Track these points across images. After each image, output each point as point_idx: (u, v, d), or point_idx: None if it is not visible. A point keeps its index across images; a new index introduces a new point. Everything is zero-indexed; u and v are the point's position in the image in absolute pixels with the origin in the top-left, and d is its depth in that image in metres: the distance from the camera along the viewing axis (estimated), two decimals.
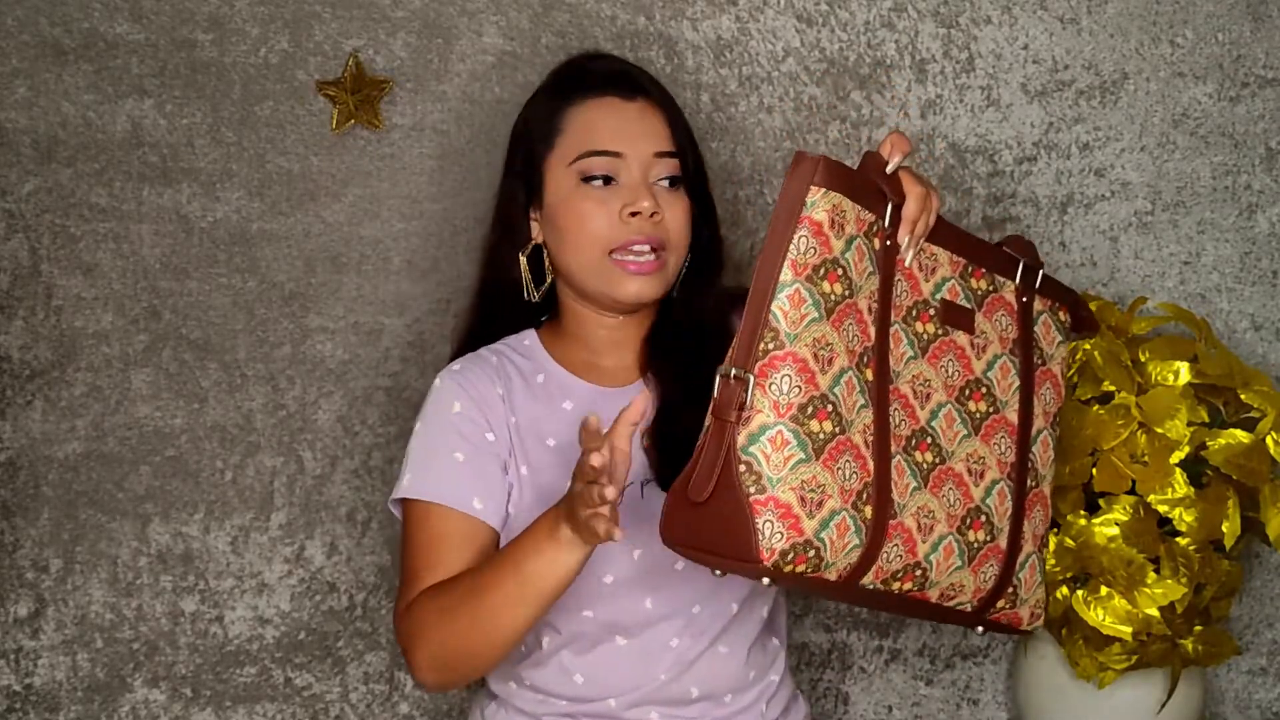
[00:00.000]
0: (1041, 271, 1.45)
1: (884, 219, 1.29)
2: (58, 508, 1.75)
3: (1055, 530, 1.62)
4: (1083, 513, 1.62)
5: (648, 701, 1.46)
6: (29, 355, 1.75)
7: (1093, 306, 1.75)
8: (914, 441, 1.30)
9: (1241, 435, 1.62)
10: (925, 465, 1.30)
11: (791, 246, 1.22)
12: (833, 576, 1.23)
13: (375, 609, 1.81)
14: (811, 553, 1.19)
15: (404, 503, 1.46)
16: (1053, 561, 1.60)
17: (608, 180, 1.46)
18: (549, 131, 1.50)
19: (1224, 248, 1.88)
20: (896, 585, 1.28)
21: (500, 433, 1.46)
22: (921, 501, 1.29)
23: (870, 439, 1.25)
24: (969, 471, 1.34)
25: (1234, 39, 1.86)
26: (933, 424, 1.32)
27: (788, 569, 1.19)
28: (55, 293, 1.75)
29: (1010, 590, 1.38)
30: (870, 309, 1.27)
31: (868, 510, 1.23)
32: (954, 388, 1.34)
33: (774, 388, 1.20)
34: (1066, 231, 1.86)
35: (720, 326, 1.51)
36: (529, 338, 1.54)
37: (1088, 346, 1.68)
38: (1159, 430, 1.62)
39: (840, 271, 1.24)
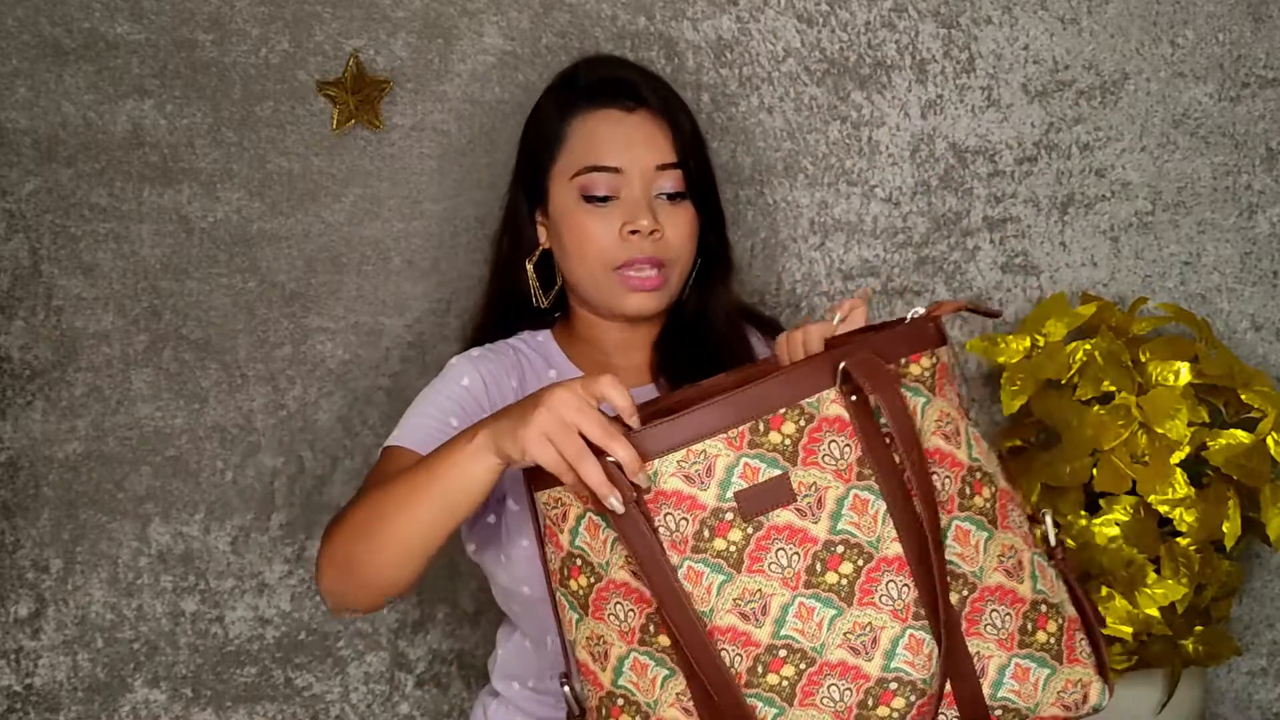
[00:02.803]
0: (869, 334, 1.24)
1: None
2: (58, 508, 1.75)
3: (1056, 530, 1.62)
4: (1083, 513, 1.62)
5: None
6: (29, 355, 1.74)
7: (1093, 307, 1.75)
8: (761, 669, 1.15)
9: (1242, 435, 1.62)
10: (788, 682, 1.15)
11: (545, 560, 1.21)
12: None
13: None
14: None
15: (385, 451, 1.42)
16: None
17: (609, 198, 1.46)
18: (552, 140, 1.50)
19: (1224, 248, 1.88)
20: None
21: None
22: None
23: (690, 704, 1.16)
24: (852, 651, 1.16)
25: (1234, 39, 1.86)
26: (782, 633, 1.15)
27: None
28: (55, 293, 1.75)
29: (1001, 714, 1.20)
30: (635, 574, 1.15)
31: None
32: (797, 575, 1.15)
33: (583, 695, 1.21)
34: (1067, 232, 1.86)
35: (730, 331, 1.51)
36: (543, 335, 1.54)
37: (1088, 346, 1.68)
38: (1159, 430, 1.62)
39: (579, 561, 1.18)
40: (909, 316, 1.22)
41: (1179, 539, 1.61)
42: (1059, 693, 1.20)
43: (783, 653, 1.15)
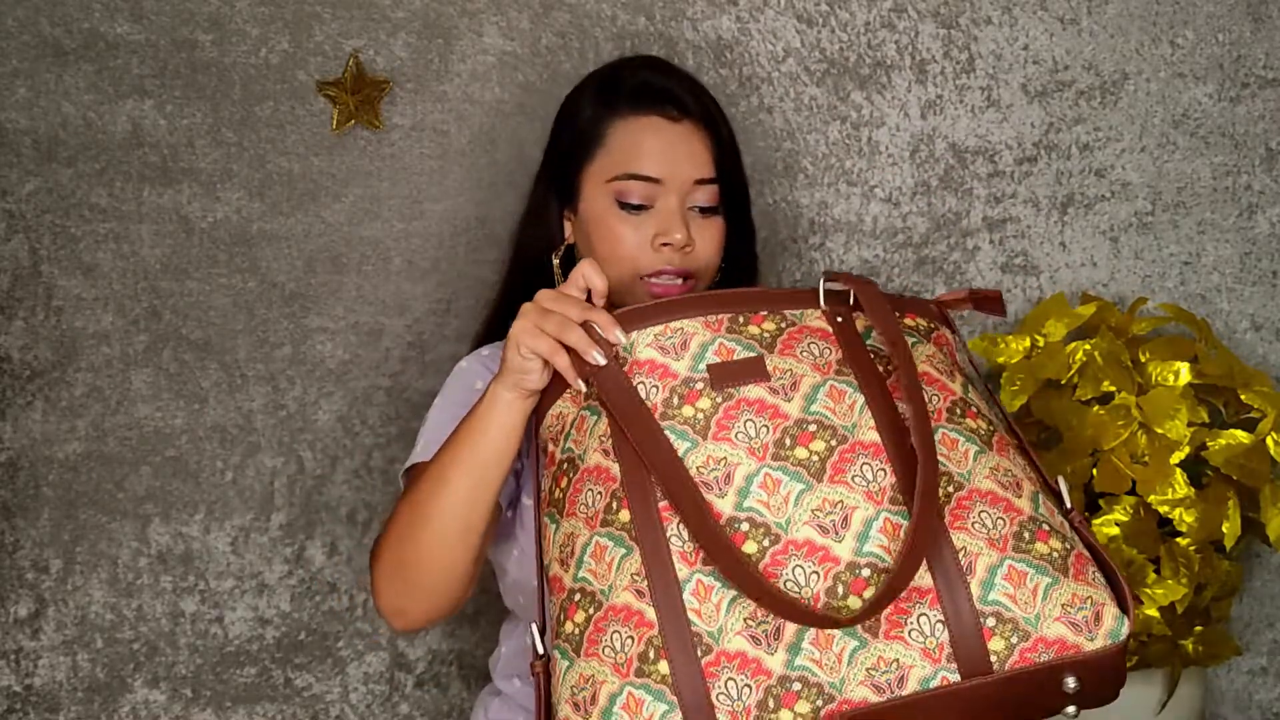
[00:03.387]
0: (871, 288, 1.21)
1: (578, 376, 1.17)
2: (58, 508, 1.75)
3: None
4: (1084, 513, 1.62)
5: None
6: (29, 355, 1.74)
7: (1093, 307, 1.75)
8: (719, 542, 1.07)
9: (1241, 435, 1.62)
10: (746, 562, 1.07)
11: (540, 489, 1.22)
12: None
13: (375, 609, 1.81)
14: None
15: (411, 471, 1.43)
16: None
17: (644, 207, 1.45)
18: (590, 140, 1.48)
19: (1224, 248, 1.88)
20: (787, 715, 1.05)
21: None
22: (748, 610, 1.06)
23: (644, 585, 1.08)
24: (820, 529, 1.08)
25: (1234, 39, 1.86)
26: (746, 504, 1.09)
27: None
28: (55, 293, 1.75)
29: (994, 625, 1.07)
30: (608, 450, 1.14)
31: (662, 666, 1.06)
32: (765, 446, 1.11)
33: (549, 614, 1.16)
34: (1067, 232, 1.86)
35: None
36: None
37: (1088, 347, 1.68)
38: (1159, 430, 1.62)
39: (565, 465, 1.18)
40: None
41: (1179, 539, 1.61)
42: (1064, 605, 1.07)
43: (744, 525, 1.09)
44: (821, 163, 1.83)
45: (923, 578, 1.07)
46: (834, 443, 1.11)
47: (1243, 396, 1.65)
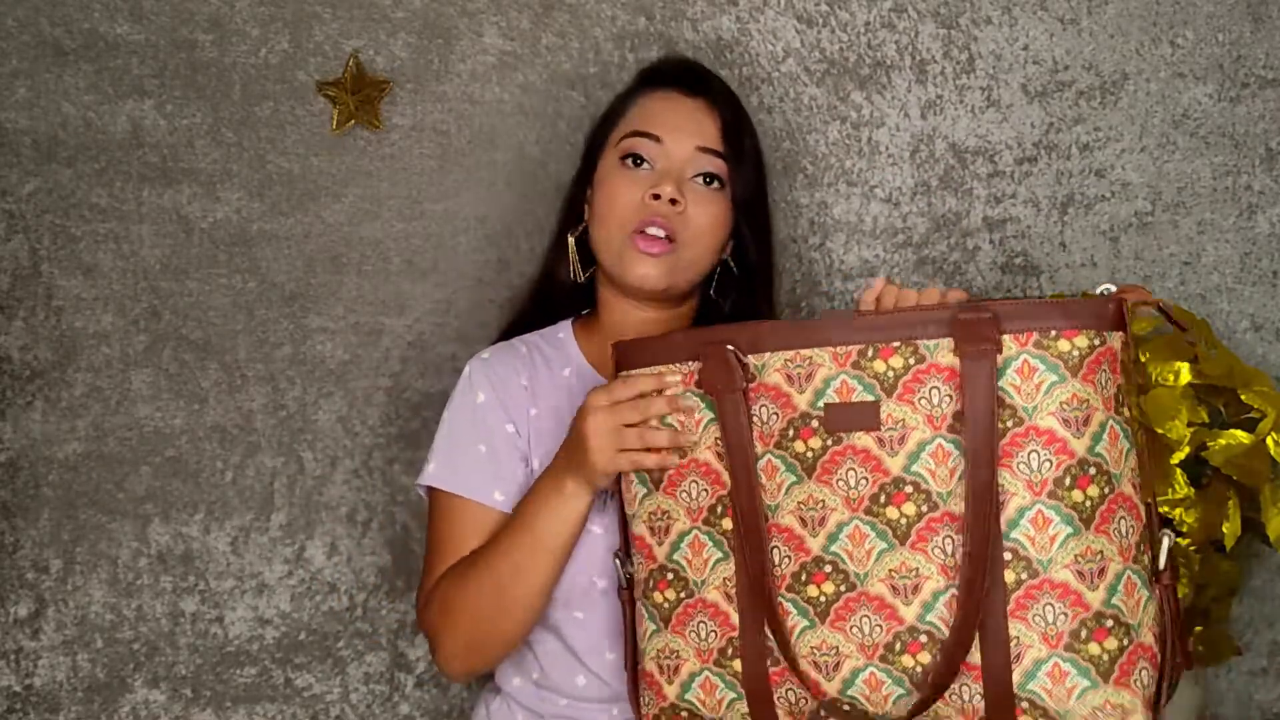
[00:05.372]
0: (1025, 299, 1.25)
1: (695, 365, 1.26)
2: (58, 508, 1.75)
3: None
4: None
5: None
6: (29, 355, 1.74)
7: None
8: (805, 576, 1.19)
9: (1242, 436, 1.62)
10: (825, 598, 1.18)
11: None
12: None
13: (375, 609, 1.81)
14: (684, 713, 1.27)
15: (429, 489, 1.49)
16: None
17: (644, 162, 1.48)
18: (614, 116, 1.55)
19: (1224, 248, 1.88)
20: None
21: (521, 425, 1.48)
22: (816, 640, 1.19)
23: (733, 591, 1.23)
24: (893, 590, 1.17)
25: (1234, 39, 1.86)
26: (832, 549, 1.19)
27: None
28: (55, 293, 1.75)
29: (1028, 708, 1.15)
30: (720, 454, 1.23)
31: (736, 664, 1.23)
32: (861, 499, 1.18)
33: (635, 567, 1.31)
34: (1066, 232, 1.86)
35: None
36: (564, 330, 1.56)
37: None
38: (1159, 431, 1.62)
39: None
40: (1099, 291, 1.21)
41: (1179, 539, 1.61)
42: (1095, 709, 1.13)
43: (828, 568, 1.18)
44: (821, 163, 1.83)
45: (974, 655, 1.15)
46: (924, 508, 1.17)
47: (1243, 397, 1.65)
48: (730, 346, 1.23)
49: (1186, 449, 1.62)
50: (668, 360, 1.27)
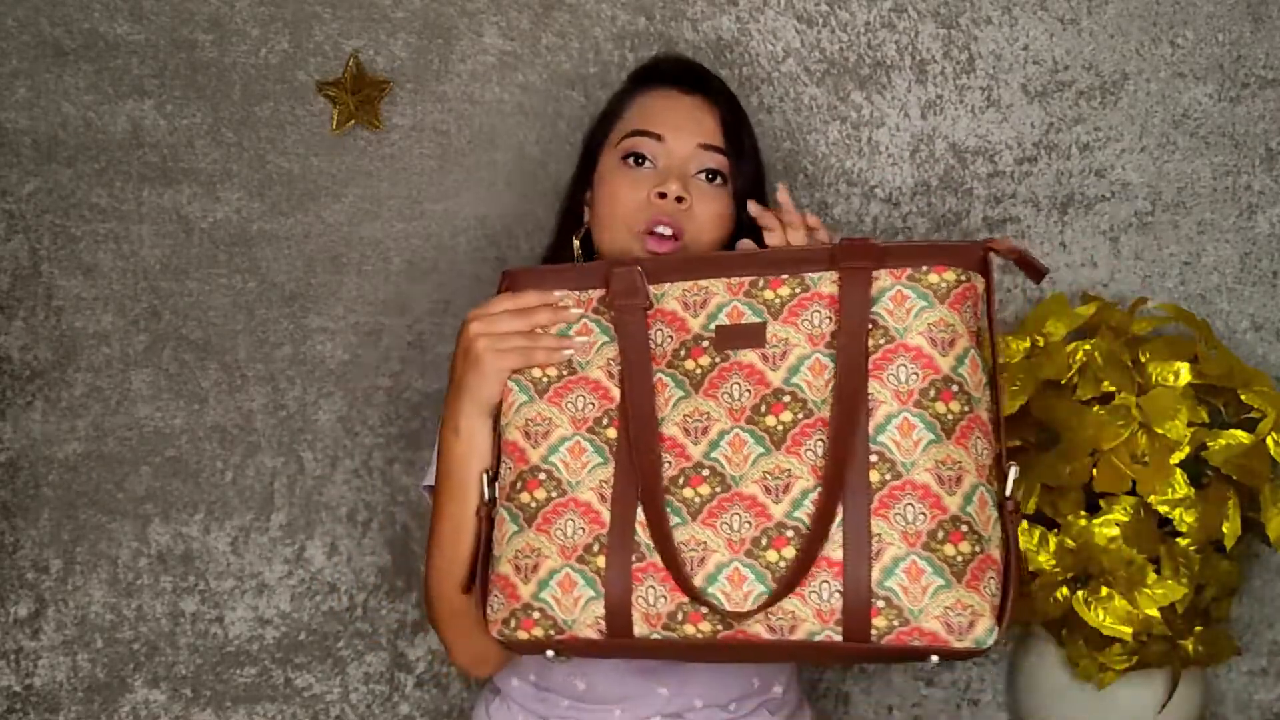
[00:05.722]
0: (909, 239, 1.35)
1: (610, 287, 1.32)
2: (58, 508, 1.75)
3: (1056, 531, 1.62)
4: (1083, 513, 1.62)
5: (653, 711, 1.46)
6: (29, 355, 1.74)
7: (1093, 307, 1.75)
8: (682, 480, 1.25)
9: (1241, 435, 1.62)
10: (700, 499, 1.25)
11: None
12: (592, 634, 1.25)
13: (375, 609, 1.81)
14: (536, 614, 1.26)
15: (431, 489, 1.48)
16: (1053, 562, 1.60)
17: (646, 161, 1.48)
18: (611, 117, 1.54)
19: (1224, 248, 1.88)
20: (690, 629, 1.23)
21: None
22: (685, 536, 1.24)
23: (608, 492, 1.27)
24: (765, 489, 1.23)
25: (1234, 39, 1.86)
26: (712, 455, 1.26)
27: (521, 635, 1.27)
28: (55, 293, 1.75)
29: (883, 607, 1.19)
30: (611, 373, 1.30)
31: (600, 560, 1.25)
32: (743, 410, 1.26)
33: (501, 475, 1.32)
34: (1066, 232, 1.86)
35: None
36: None
37: (1088, 347, 1.68)
38: (1159, 431, 1.62)
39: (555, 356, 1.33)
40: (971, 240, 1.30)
41: (1179, 539, 1.61)
42: (946, 608, 1.18)
43: (706, 472, 1.25)
44: (821, 163, 1.83)
45: (835, 550, 1.21)
46: (800, 416, 1.25)
47: (1243, 397, 1.65)
48: (637, 265, 1.30)
49: (1186, 449, 1.62)
50: (562, 286, 1.33)
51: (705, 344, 1.29)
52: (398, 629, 1.81)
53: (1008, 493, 1.25)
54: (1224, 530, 1.60)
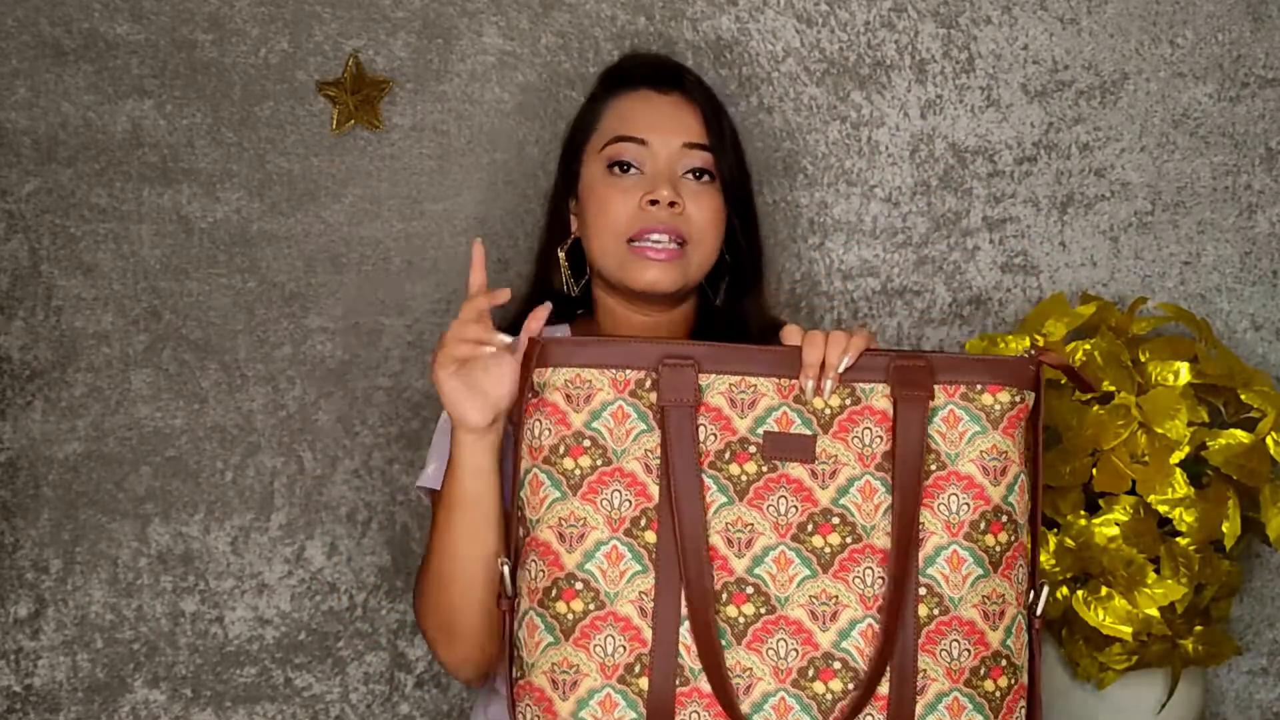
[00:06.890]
0: (955, 354, 1.30)
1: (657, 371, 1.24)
2: (58, 508, 1.75)
3: (1056, 530, 1.62)
4: (1083, 513, 1.62)
5: None
6: (29, 355, 1.74)
7: (1093, 306, 1.75)
8: (726, 596, 1.21)
9: (1241, 435, 1.62)
10: (745, 619, 1.21)
11: (526, 432, 1.27)
12: None
13: (375, 609, 1.81)
14: None
15: (429, 491, 1.48)
16: (1053, 562, 1.60)
17: (632, 168, 1.47)
18: (588, 124, 1.53)
19: (1224, 248, 1.88)
20: None
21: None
22: (730, 661, 1.20)
23: (649, 606, 1.21)
24: (811, 615, 1.21)
25: (1234, 39, 1.86)
26: (756, 571, 1.21)
27: None
28: (55, 293, 1.75)
29: None
30: (649, 467, 1.23)
31: (642, 682, 1.20)
32: (790, 526, 1.22)
33: (527, 574, 1.25)
34: (1066, 232, 1.86)
35: (764, 342, 1.52)
36: (562, 332, 1.55)
37: (1088, 346, 1.68)
38: (1159, 430, 1.62)
39: (588, 443, 1.24)
40: (1023, 353, 1.28)
41: (1179, 539, 1.61)
42: None
43: (750, 589, 1.21)
44: (821, 163, 1.83)
45: (883, 686, 1.20)
46: (849, 540, 1.22)
47: (1243, 396, 1.65)
48: (692, 361, 1.24)
49: (1186, 449, 1.62)
50: (600, 364, 1.25)
51: (752, 449, 1.23)
52: (398, 629, 1.81)
53: (1038, 611, 1.26)
54: (1224, 530, 1.60)
